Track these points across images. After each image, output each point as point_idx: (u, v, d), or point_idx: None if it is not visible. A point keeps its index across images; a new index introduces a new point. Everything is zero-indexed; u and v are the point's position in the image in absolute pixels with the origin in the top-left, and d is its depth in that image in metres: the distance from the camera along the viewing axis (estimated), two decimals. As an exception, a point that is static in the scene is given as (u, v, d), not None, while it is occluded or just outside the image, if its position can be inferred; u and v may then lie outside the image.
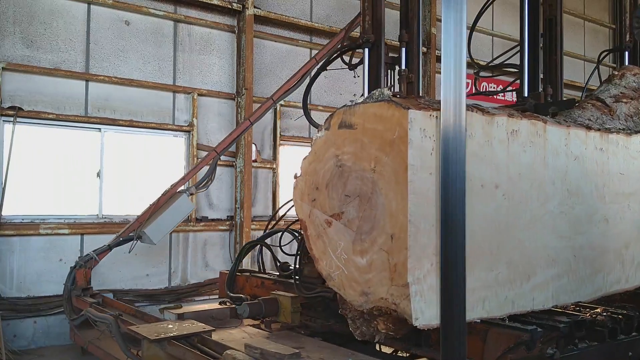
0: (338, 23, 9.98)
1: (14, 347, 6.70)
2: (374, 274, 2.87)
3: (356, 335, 3.25)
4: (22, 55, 7.12)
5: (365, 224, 2.91)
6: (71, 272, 6.28)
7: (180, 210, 6.85)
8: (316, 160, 3.24)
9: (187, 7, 8.40)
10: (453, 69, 2.45)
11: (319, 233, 3.22)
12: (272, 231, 5.57)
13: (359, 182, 2.95)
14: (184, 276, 8.24)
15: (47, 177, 7.36)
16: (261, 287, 5.04)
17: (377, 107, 2.89)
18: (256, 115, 7.53)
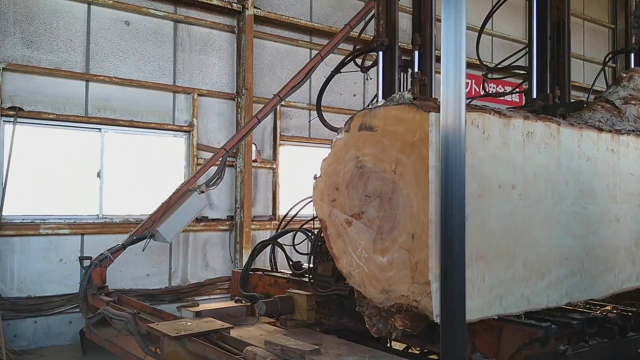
0: (338, 23, 9.99)
1: (15, 347, 6.71)
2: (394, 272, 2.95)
3: (372, 332, 3.31)
4: (22, 56, 7.13)
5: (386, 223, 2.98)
6: (87, 271, 6.28)
7: (192, 208, 6.89)
8: (336, 161, 3.33)
9: (187, 8, 8.40)
10: (453, 69, 2.46)
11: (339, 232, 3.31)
12: (285, 230, 5.70)
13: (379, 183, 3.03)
14: (184, 276, 8.25)
15: (47, 177, 7.37)
16: (274, 286, 5.15)
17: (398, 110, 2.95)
18: (263, 113, 7.54)
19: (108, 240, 7.60)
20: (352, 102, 10.23)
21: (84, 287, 6.17)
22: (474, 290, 2.91)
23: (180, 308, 4.71)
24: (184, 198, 6.92)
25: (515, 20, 13.00)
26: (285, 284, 5.02)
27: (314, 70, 7.63)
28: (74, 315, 7.26)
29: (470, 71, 11.90)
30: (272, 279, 5.28)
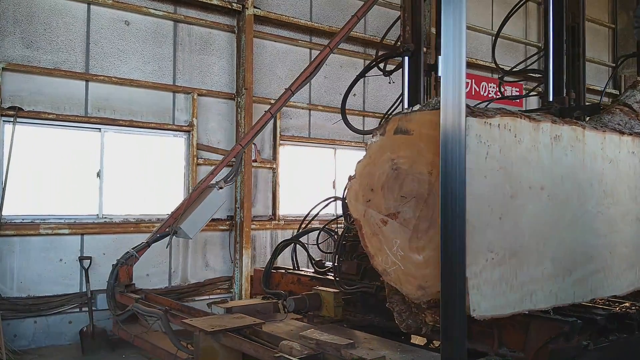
0: (338, 23, 9.98)
1: (15, 347, 6.71)
2: (431, 269, 3.05)
3: (402, 328, 3.46)
4: (22, 56, 7.13)
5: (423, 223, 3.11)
6: (113, 269, 6.38)
7: (213, 204, 7.01)
8: (371, 163, 3.48)
9: (187, 7, 8.40)
10: (453, 69, 2.46)
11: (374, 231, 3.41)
12: (306, 230, 5.87)
13: (415, 184, 3.15)
14: (184, 276, 8.25)
15: (47, 177, 7.36)
16: (297, 284, 5.28)
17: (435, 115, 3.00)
18: (276, 107, 7.55)
19: (108, 240, 7.62)
20: (352, 101, 10.21)
21: (112, 285, 6.30)
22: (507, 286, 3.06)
23: (210, 304, 4.85)
24: (204, 195, 7.04)
25: (514, 21, 12.99)
26: (309, 282, 5.16)
27: (324, 63, 7.67)
28: (74, 315, 7.27)
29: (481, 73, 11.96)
30: (295, 277, 5.41)
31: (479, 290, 2.93)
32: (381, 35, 10.46)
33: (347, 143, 10.09)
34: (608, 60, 14.83)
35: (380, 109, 10.58)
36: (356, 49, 10.25)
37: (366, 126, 10.44)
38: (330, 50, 7.62)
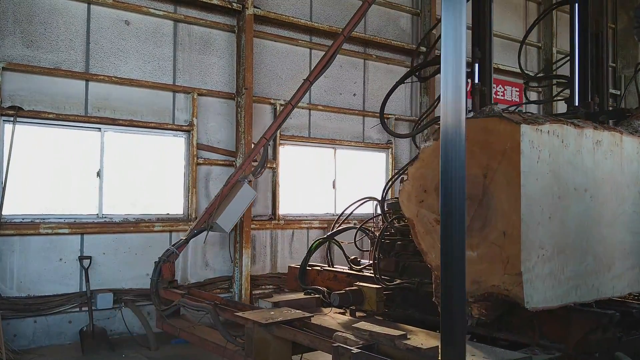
0: (338, 22, 9.98)
1: (14, 346, 6.71)
2: (485, 265, 3.31)
3: None
4: (22, 55, 7.13)
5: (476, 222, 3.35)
6: (156, 266, 6.57)
7: (245, 198, 7.33)
8: (424, 166, 3.71)
9: (187, 7, 8.39)
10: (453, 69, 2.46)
11: (427, 230, 3.67)
12: (342, 229, 6.07)
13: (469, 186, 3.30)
14: (184, 275, 8.25)
15: (47, 176, 7.36)
16: (333, 280, 5.49)
17: (488, 122, 3.32)
18: (296, 99, 7.71)
19: (108, 240, 7.62)
20: (352, 101, 10.23)
21: (155, 282, 6.49)
22: (556, 280, 3.33)
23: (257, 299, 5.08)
24: (235, 190, 7.32)
25: (514, 20, 13.00)
26: (346, 278, 5.36)
27: (339, 51, 7.81)
28: (74, 314, 7.27)
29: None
30: (331, 273, 5.60)
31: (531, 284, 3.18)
32: (381, 35, 10.47)
33: (347, 143, 10.09)
34: (609, 61, 14.81)
35: (379, 109, 10.57)
36: (356, 48, 10.25)
37: (366, 126, 10.44)
38: (344, 37, 7.79)
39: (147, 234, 7.93)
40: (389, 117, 10.66)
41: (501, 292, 3.27)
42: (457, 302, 2.43)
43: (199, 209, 8.41)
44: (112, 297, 7.42)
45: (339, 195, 10.06)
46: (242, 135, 8.59)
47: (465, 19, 2.51)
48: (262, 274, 8.91)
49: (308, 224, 9.51)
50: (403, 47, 10.76)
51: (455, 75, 2.47)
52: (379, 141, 10.59)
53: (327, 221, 9.70)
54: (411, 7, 11.12)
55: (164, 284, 6.49)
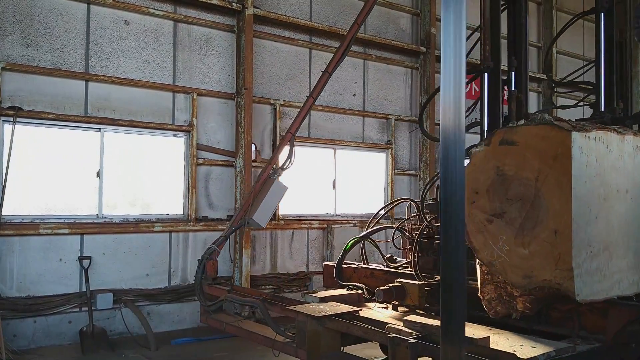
0: (338, 22, 9.99)
1: (14, 346, 6.71)
2: (537, 261, 3.63)
3: (490, 314, 4.07)
4: (22, 55, 7.13)
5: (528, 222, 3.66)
6: (199, 264, 6.90)
7: (278, 192, 7.64)
8: (475, 170, 3.97)
9: (187, 7, 8.40)
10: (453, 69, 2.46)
11: (478, 229, 3.94)
12: (377, 228, 6.30)
13: (521, 188, 3.69)
14: (184, 276, 8.25)
15: (47, 177, 7.36)
16: (370, 277, 5.73)
17: (540, 129, 3.63)
18: (317, 91, 7.90)
19: (107, 240, 7.62)
20: (351, 101, 10.23)
21: (199, 279, 6.81)
22: (602, 275, 3.63)
23: (304, 294, 5.37)
24: (267, 185, 7.58)
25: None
26: (382, 275, 5.61)
27: (354, 39, 8.01)
28: (74, 315, 7.27)
29: None
30: (367, 271, 5.84)
31: (581, 278, 3.50)
32: (381, 35, 10.47)
33: (346, 143, 10.09)
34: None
35: (380, 109, 10.59)
36: (356, 48, 10.24)
37: (366, 126, 10.44)
38: (358, 26, 7.95)
39: (147, 234, 7.93)
40: (389, 117, 10.67)
41: (552, 286, 3.59)
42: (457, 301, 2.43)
43: (199, 209, 8.41)
44: (112, 297, 7.43)
45: (338, 195, 10.06)
46: (242, 136, 8.59)
47: (465, 19, 2.50)
48: (262, 274, 8.91)
49: (308, 224, 9.51)
50: (403, 47, 10.76)
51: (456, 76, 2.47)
52: (378, 141, 10.59)
53: (327, 221, 9.71)
54: (411, 7, 11.12)
55: (208, 280, 6.81)
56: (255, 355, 6.87)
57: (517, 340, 3.83)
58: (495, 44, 6.21)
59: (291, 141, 7.78)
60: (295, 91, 9.52)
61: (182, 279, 8.23)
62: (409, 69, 11.05)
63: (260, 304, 5.55)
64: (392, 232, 6.33)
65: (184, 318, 8.17)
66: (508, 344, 3.74)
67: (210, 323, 6.51)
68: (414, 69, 11.09)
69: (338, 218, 9.95)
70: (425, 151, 10.90)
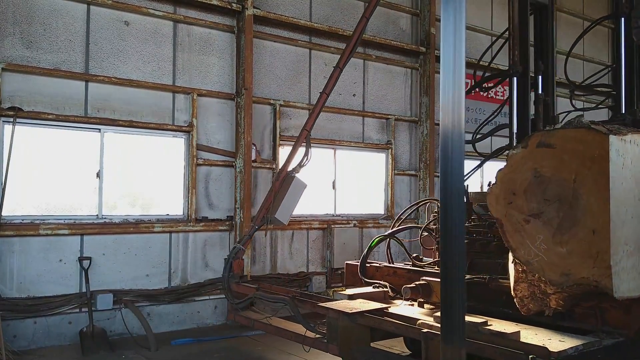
0: (338, 23, 9.99)
1: (14, 347, 6.70)
2: (574, 259, 3.78)
3: (523, 312, 4.22)
4: (22, 56, 7.13)
5: (566, 221, 3.81)
6: (226, 264, 7.11)
7: (298, 190, 7.79)
8: (512, 171, 4.12)
9: (187, 8, 8.40)
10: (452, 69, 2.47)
11: (516, 229, 4.08)
12: (403, 227, 6.43)
13: (559, 189, 3.85)
14: (184, 276, 8.25)
15: (47, 177, 7.36)
16: (393, 276, 5.85)
17: (578, 132, 3.79)
18: (330, 87, 8.00)
19: (107, 241, 7.62)
20: (351, 102, 10.23)
21: (227, 278, 7.01)
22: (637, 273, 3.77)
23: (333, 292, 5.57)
24: (286, 184, 7.73)
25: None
26: (406, 274, 5.71)
27: (363, 32, 8.17)
28: (74, 315, 7.27)
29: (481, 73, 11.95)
30: (391, 269, 5.95)
31: (618, 276, 3.64)
32: (381, 35, 10.48)
33: (346, 143, 10.09)
34: (608, 61, 14.84)
35: (379, 109, 10.60)
36: (356, 49, 10.24)
37: (366, 126, 10.45)
38: (367, 19, 8.10)
39: (147, 235, 7.93)
40: (389, 117, 10.68)
41: (590, 283, 3.75)
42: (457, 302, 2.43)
43: (199, 210, 8.41)
44: (112, 297, 7.43)
45: (338, 195, 10.06)
46: (242, 136, 8.59)
47: (465, 19, 2.51)
48: (262, 274, 8.91)
49: (308, 224, 9.51)
50: (403, 47, 10.76)
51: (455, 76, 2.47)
52: (378, 141, 10.59)
53: (326, 222, 9.71)
54: (411, 8, 11.13)
55: (235, 279, 6.97)
56: (257, 355, 6.87)
57: (545, 335, 4.01)
58: (524, 49, 6.32)
59: (307, 138, 7.92)
60: (295, 91, 9.53)
61: (182, 280, 8.23)
62: (409, 69, 11.05)
63: (290, 301, 5.67)
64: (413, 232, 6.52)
65: (184, 319, 8.17)
66: (537, 339, 3.91)
67: (239, 320, 6.67)
68: (413, 69, 11.09)
69: (338, 218, 9.95)
70: (425, 151, 10.90)
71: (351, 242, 9.82)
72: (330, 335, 4.98)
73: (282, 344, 7.11)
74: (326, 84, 8.00)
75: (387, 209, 10.63)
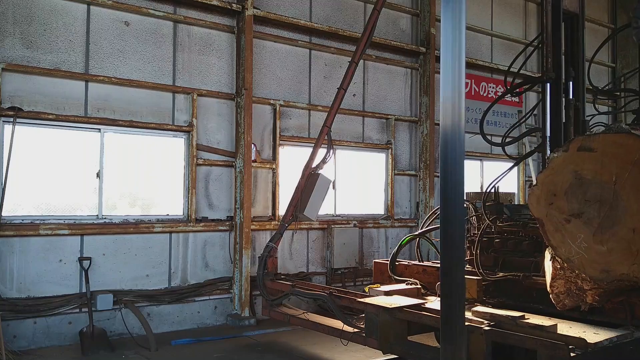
0: (338, 23, 9.99)
1: (14, 347, 6.70)
2: (614, 256, 3.98)
3: (558, 307, 4.46)
4: (22, 56, 7.13)
5: (606, 221, 4.01)
6: (260, 262, 7.38)
7: (323, 186, 7.97)
8: (553, 174, 4.34)
9: (187, 8, 8.40)
10: (452, 69, 2.47)
11: (557, 228, 4.28)
12: (433, 228, 6.54)
13: (599, 191, 4.05)
14: (184, 276, 8.24)
15: (47, 177, 7.36)
16: (422, 273, 6.08)
17: (618, 137, 4.01)
18: (347, 82, 8.12)
19: (108, 241, 7.62)
20: (351, 102, 10.23)
21: (261, 275, 7.25)
22: None
23: (369, 289, 5.75)
24: (312, 181, 7.91)
25: (514, 21, 13.01)
26: (435, 271, 5.88)
27: (375, 27, 8.36)
28: (74, 315, 7.26)
29: (481, 73, 11.93)
30: (420, 267, 6.17)
31: None
32: (381, 35, 10.47)
33: (346, 143, 10.09)
34: (607, 61, 14.85)
35: (379, 109, 10.60)
36: (356, 49, 10.24)
37: (366, 126, 10.44)
38: (378, 12, 8.36)
39: (147, 235, 7.93)
40: (389, 117, 10.67)
41: (630, 279, 3.95)
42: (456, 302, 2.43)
43: (199, 210, 8.41)
44: (112, 298, 7.42)
45: (338, 195, 10.06)
46: (242, 136, 8.59)
47: (465, 19, 2.51)
48: (262, 274, 8.90)
49: (308, 224, 9.51)
50: (403, 47, 10.76)
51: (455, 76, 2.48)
52: (378, 141, 10.59)
53: (326, 222, 9.71)
54: (411, 8, 11.13)
55: (269, 276, 7.19)
56: (257, 355, 6.87)
57: (579, 328, 4.23)
58: (557, 56, 6.46)
59: (329, 135, 8.06)
60: (295, 92, 9.53)
61: (182, 280, 8.23)
62: (409, 69, 11.05)
63: (327, 297, 5.83)
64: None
65: (184, 319, 8.16)
66: (572, 331, 4.13)
67: (273, 316, 6.90)
68: (413, 69, 11.09)
69: (338, 218, 9.95)
70: (425, 151, 10.90)
71: (351, 242, 9.82)
72: (369, 330, 5.15)
73: (282, 344, 7.12)
74: (343, 79, 8.17)
75: (387, 209, 10.63)
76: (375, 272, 6.68)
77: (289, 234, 9.29)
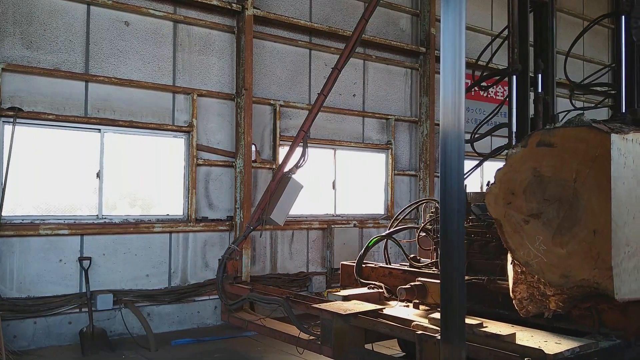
0: (338, 23, 9.99)
1: (14, 347, 6.70)
2: (574, 260, 3.70)
3: (521, 313, 4.16)
4: (22, 56, 7.13)
5: (566, 222, 3.74)
6: (221, 264, 7.02)
7: (294, 191, 7.68)
8: (512, 171, 4.02)
9: (187, 8, 8.40)
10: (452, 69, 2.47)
11: (515, 229, 4.01)
12: (400, 228, 6.40)
13: (559, 189, 3.75)
14: (184, 276, 8.25)
15: (47, 177, 7.36)
16: (389, 276, 5.83)
17: (578, 131, 3.71)
18: (327, 88, 7.92)
19: (107, 241, 7.62)
20: (351, 102, 10.24)
21: (220, 278, 6.91)
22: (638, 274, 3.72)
23: (327, 293, 5.51)
24: (282, 184, 7.63)
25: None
26: (401, 275, 5.68)
27: (362, 34, 8.06)
28: (74, 315, 7.27)
29: None
30: (386, 270, 5.91)
31: (619, 277, 3.57)
32: (381, 36, 10.48)
33: (346, 143, 10.09)
34: (607, 61, 14.85)
35: (379, 109, 10.60)
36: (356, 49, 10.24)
37: (366, 126, 10.45)
38: (365, 21, 8.02)
39: (147, 235, 7.93)
40: (389, 118, 10.68)
41: (591, 285, 3.68)
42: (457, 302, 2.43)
43: (199, 210, 8.41)
44: (112, 298, 7.43)
45: (338, 195, 10.06)
46: (242, 136, 8.59)
47: (465, 19, 2.51)
48: (262, 274, 8.91)
49: (308, 224, 9.51)
50: (403, 47, 10.77)
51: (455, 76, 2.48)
52: (378, 142, 10.59)
53: (326, 222, 9.71)
54: (411, 8, 11.13)
55: (229, 279, 6.89)
56: (257, 355, 6.87)
57: (541, 337, 3.94)
58: (524, 47, 6.26)
59: (304, 139, 7.83)
60: (295, 92, 9.53)
61: (182, 280, 8.23)
62: (409, 70, 11.06)
63: (284, 302, 5.61)
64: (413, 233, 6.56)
65: (184, 319, 8.17)
66: (533, 341, 3.84)
67: (232, 321, 6.59)
68: (413, 70, 11.09)
69: (338, 218, 9.95)
70: (425, 151, 10.90)
71: (351, 242, 9.82)
72: (324, 337, 4.90)
73: (282, 344, 7.10)
74: (324, 85, 7.92)
75: (387, 209, 10.63)
76: (342, 274, 6.38)
77: (289, 233, 9.30)
